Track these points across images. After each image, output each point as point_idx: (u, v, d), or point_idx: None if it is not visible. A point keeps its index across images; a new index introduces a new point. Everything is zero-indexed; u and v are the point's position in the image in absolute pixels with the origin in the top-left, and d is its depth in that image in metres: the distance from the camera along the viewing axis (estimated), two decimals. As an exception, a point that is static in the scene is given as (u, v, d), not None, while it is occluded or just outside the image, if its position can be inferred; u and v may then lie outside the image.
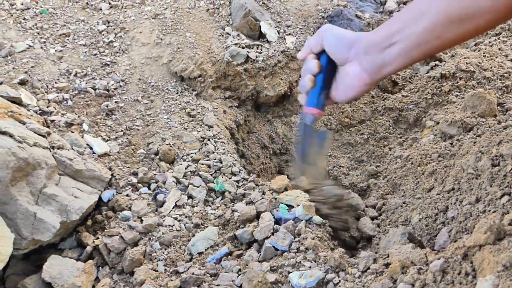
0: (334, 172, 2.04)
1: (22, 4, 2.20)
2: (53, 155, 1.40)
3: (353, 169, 2.04)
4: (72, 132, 1.65)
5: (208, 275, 1.26)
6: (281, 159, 2.16)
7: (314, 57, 1.19)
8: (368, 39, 1.04)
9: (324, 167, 1.53)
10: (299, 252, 1.24)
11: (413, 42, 0.94)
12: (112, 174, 1.55)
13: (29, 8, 2.20)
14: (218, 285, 1.21)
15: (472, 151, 1.46)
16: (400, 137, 2.03)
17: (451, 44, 0.95)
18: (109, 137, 1.72)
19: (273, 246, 1.26)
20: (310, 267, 1.18)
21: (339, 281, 1.12)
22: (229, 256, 1.33)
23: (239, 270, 1.25)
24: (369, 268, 1.13)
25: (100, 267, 1.38)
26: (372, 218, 1.58)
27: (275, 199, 1.51)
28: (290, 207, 1.48)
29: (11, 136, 1.29)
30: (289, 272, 1.18)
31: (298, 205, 1.44)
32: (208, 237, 1.40)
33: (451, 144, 1.66)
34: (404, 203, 1.53)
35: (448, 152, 1.62)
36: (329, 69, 1.20)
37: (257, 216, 1.42)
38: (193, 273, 1.24)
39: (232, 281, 1.21)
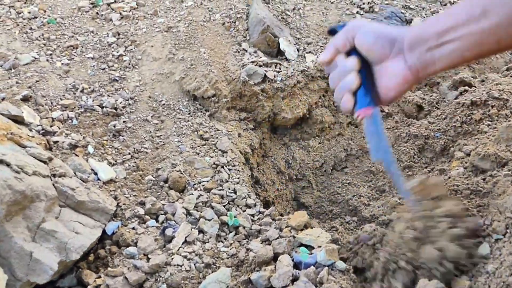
0: (354, 202, 1.91)
1: (29, 12, 2.09)
2: (53, 184, 1.29)
3: (374, 199, 1.92)
4: (76, 155, 1.53)
5: (220, 327, 1.14)
6: (297, 185, 2.03)
7: (345, 56, 1.06)
8: (415, 34, 0.93)
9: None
10: (321, 305, 1.11)
11: (470, 42, 0.85)
12: (117, 204, 1.43)
13: (36, 17, 2.09)
14: None
15: (509, 191, 1.33)
16: (426, 167, 1.90)
17: (507, 49, 0.86)
18: (115, 161, 1.60)
19: (293, 298, 1.14)
20: (335, 326, 1.06)
21: None
22: (243, 304, 1.21)
23: (254, 323, 1.13)
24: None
25: (101, 310, 1.26)
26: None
27: (294, 237, 1.38)
28: (310, 248, 1.36)
29: (8, 165, 1.17)
30: (310, 329, 1.06)
31: (319, 247, 1.32)
32: (220, 280, 1.27)
33: (484, 180, 1.53)
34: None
35: (481, 189, 1.49)
36: (366, 67, 1.07)
37: (274, 257, 1.29)
38: (203, 325, 1.12)
39: (247, 337, 1.09)
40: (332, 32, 1.14)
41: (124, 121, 1.74)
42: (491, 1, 0.82)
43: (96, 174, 1.50)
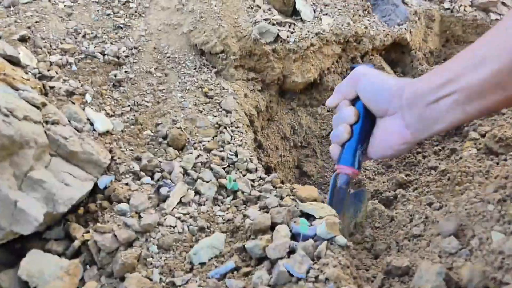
0: (359, 175, 1.83)
1: None
2: (45, 132, 1.21)
3: (379, 174, 1.84)
4: (72, 103, 1.45)
5: (209, 294, 1.09)
6: (301, 153, 1.96)
7: (349, 103, 1.04)
8: (413, 89, 0.89)
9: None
10: (317, 282, 1.05)
11: (471, 93, 0.78)
12: (112, 157, 1.37)
13: (40, -46, 1.97)
14: (219, 309, 1.03)
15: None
16: (436, 145, 1.82)
17: None
18: (113, 112, 1.52)
19: (288, 271, 1.08)
20: (330, 304, 1.00)
21: (364, 327, 0.94)
22: (236, 273, 1.15)
23: (246, 294, 1.07)
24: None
25: (88, 266, 1.21)
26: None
27: (296, 206, 1.32)
28: (311, 219, 1.29)
29: (-4, 107, 1.10)
30: (304, 307, 1.00)
31: (321, 217, 1.26)
32: (213, 245, 1.21)
33: (497, 164, 1.45)
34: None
35: (493, 173, 1.41)
36: (366, 119, 1.04)
37: (272, 227, 1.23)
38: (191, 291, 1.07)
39: (236, 307, 1.03)
40: (352, 70, 1.11)
41: (125, 71, 1.65)
42: (490, 48, 0.74)
43: (92, 124, 1.43)
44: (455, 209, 1.22)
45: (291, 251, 1.16)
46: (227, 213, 1.32)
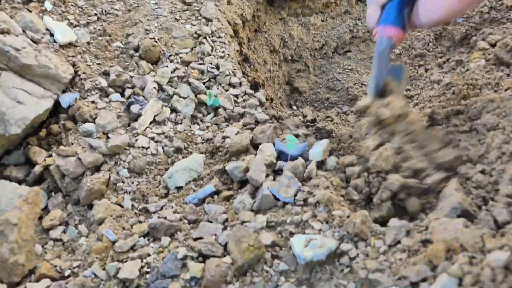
0: (354, 90, 1.69)
1: None
2: (-8, 42, 1.05)
3: (377, 89, 1.69)
4: (29, 11, 1.27)
5: (186, 221, 0.97)
6: (292, 67, 1.79)
7: None
8: None
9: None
10: (306, 205, 0.93)
11: None
12: (76, 72, 1.21)
13: None
14: (196, 238, 0.92)
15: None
16: (441, 57, 1.65)
17: None
18: (78, 22, 1.34)
19: (273, 195, 0.96)
20: (320, 230, 0.88)
21: (357, 254, 0.83)
22: (216, 197, 1.03)
23: (226, 220, 0.95)
24: (399, 242, 0.84)
25: (52, 193, 1.09)
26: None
27: (280, 124, 1.19)
28: (299, 137, 1.16)
29: None
30: (291, 234, 0.89)
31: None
32: (191, 168, 1.09)
33: (508, 75, 1.30)
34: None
35: (504, 85, 1.27)
36: None
37: (256, 146, 1.10)
38: (165, 218, 0.95)
39: (214, 235, 0.92)
40: None
41: (91, -25, 1.45)
42: None
43: (52, 35, 1.25)
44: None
45: (277, 172, 1.04)
46: (206, 132, 1.18)
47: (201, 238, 0.92)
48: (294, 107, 1.70)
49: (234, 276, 0.83)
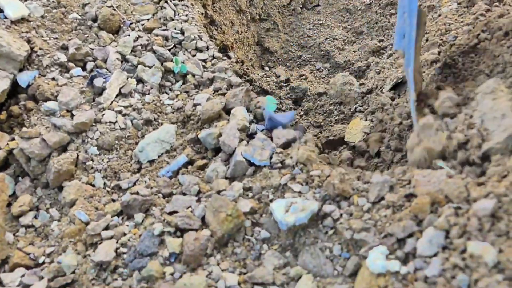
0: (326, 46, 1.64)
1: None
2: None
3: (350, 43, 1.65)
4: (-26, -14, 1.19)
5: (161, 195, 0.94)
6: (261, 27, 1.73)
7: None
8: None
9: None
10: (284, 168, 0.90)
11: None
12: (32, 49, 1.14)
13: None
14: (171, 212, 0.89)
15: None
16: (412, 3, 1.61)
17: None
18: (29, -5, 1.26)
19: (247, 160, 0.92)
20: (299, 192, 0.86)
21: (340, 215, 0.81)
22: (190, 167, 0.99)
23: (199, 192, 0.92)
24: (383, 198, 0.82)
25: (19, 178, 1.04)
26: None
27: (251, 85, 1.15)
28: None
29: None
30: (270, 199, 0.86)
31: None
32: (162, 139, 1.05)
33: (481, 17, 1.28)
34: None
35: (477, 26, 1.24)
36: None
37: (229, 111, 1.06)
38: (137, 193, 0.92)
39: (189, 207, 0.88)
40: None
41: None
42: None
43: (2, 11, 1.18)
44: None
45: (251, 136, 1.00)
46: (176, 101, 1.14)
47: (176, 212, 0.89)
48: (266, 68, 1.66)
49: (214, 248, 0.81)
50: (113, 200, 0.96)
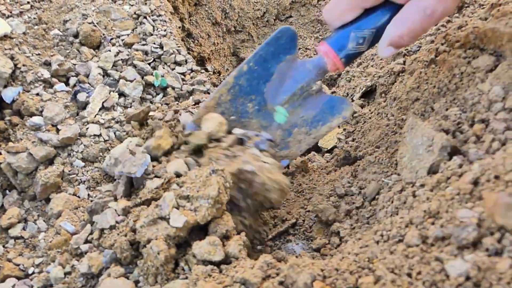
0: (300, 56, 1.71)
1: None
2: None
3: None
4: (-45, 5, 1.22)
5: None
6: (236, 38, 1.79)
7: None
8: None
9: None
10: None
11: None
12: (15, 65, 1.17)
13: None
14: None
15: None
16: None
17: None
18: (10, 12, 1.30)
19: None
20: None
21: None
22: (173, 177, 1.05)
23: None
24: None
25: (7, 191, 1.07)
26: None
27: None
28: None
29: None
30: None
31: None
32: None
33: (443, 26, 1.36)
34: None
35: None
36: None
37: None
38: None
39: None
40: None
41: (19, -39, 1.39)
42: None
43: (-16, 29, 1.21)
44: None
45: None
46: (157, 112, 1.19)
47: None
48: (243, 78, 1.71)
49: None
50: (98, 211, 1.00)
